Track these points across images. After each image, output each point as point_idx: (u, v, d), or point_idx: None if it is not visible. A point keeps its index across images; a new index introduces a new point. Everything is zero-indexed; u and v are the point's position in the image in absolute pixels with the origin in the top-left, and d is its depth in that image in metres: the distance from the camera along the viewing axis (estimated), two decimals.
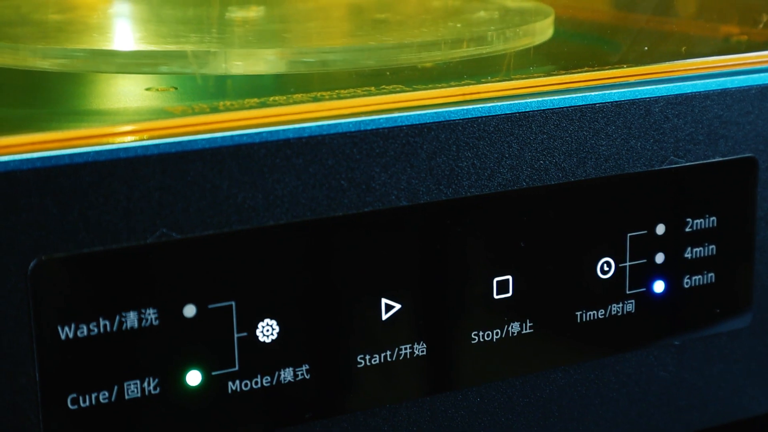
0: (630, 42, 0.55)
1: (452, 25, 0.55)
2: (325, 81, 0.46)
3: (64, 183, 0.34)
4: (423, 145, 0.40)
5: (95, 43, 0.50)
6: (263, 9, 0.56)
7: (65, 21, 0.55)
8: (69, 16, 0.56)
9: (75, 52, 0.46)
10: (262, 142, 0.37)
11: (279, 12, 0.57)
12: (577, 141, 0.42)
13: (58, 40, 0.50)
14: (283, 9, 0.59)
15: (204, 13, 0.56)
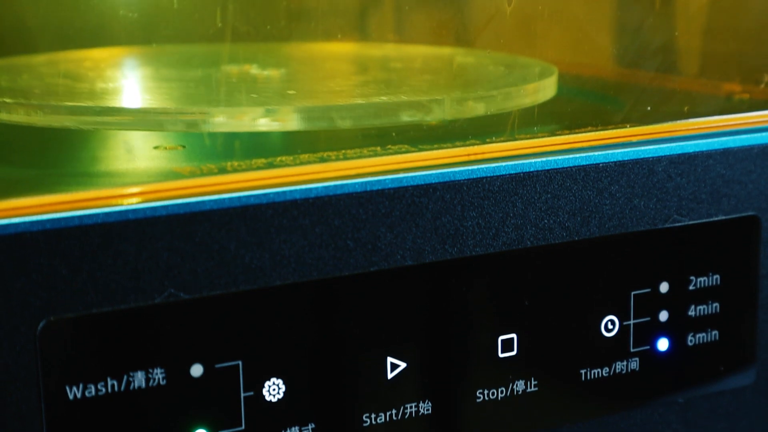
0: (633, 100, 0.55)
1: (456, 83, 0.56)
2: (331, 139, 0.46)
3: (73, 244, 0.35)
4: (428, 205, 0.40)
5: (103, 101, 0.51)
6: (269, 67, 0.57)
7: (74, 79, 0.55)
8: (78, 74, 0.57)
9: (83, 109, 0.46)
10: (269, 203, 0.37)
11: (285, 70, 0.58)
12: (580, 200, 0.43)
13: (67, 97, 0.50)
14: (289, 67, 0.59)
15: (211, 72, 0.56)
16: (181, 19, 0.60)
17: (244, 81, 0.54)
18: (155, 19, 0.60)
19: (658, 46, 0.58)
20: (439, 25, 0.60)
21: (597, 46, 0.61)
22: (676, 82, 0.58)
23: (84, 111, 0.45)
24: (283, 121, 0.46)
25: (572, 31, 0.59)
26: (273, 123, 0.46)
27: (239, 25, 0.58)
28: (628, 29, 0.61)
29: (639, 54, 0.58)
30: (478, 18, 0.59)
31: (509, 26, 0.53)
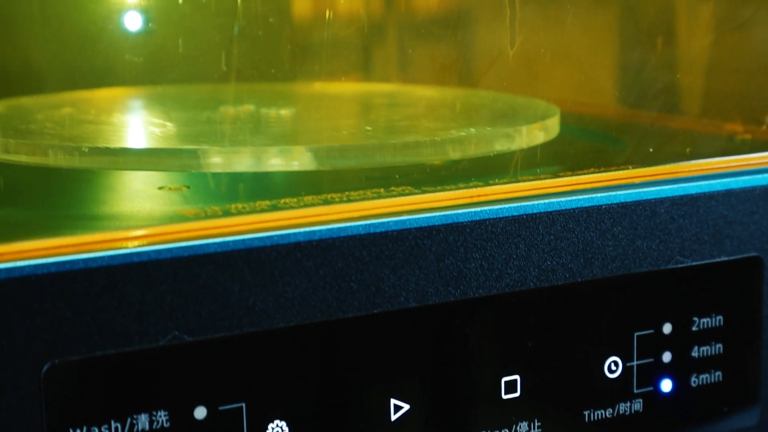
0: (635, 141, 0.55)
1: (459, 123, 0.56)
2: (335, 180, 0.47)
3: (77, 287, 0.35)
4: (432, 247, 0.40)
5: (109, 142, 0.51)
6: (273, 107, 0.57)
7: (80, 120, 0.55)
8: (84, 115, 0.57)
9: (89, 150, 0.46)
10: (273, 246, 0.38)
11: (290, 110, 0.58)
12: (583, 242, 0.43)
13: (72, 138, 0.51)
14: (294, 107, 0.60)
15: (215, 112, 0.56)
16: (186, 63, 0.61)
17: (249, 121, 0.55)
18: (161, 62, 0.61)
19: (660, 86, 0.58)
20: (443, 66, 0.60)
21: (599, 85, 0.61)
22: (679, 121, 0.59)
23: (89, 152, 0.46)
24: (288, 160, 0.46)
25: (574, 71, 0.59)
26: (278, 163, 0.46)
27: (244, 68, 0.59)
28: (630, 69, 0.61)
29: (641, 94, 0.58)
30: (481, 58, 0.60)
31: (511, 67, 0.53)
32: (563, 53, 0.56)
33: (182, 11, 0.58)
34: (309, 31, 0.64)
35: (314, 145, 0.47)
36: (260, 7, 0.59)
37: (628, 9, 0.60)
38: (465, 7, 0.57)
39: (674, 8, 0.62)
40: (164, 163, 0.45)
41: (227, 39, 0.58)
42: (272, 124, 0.54)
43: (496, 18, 0.53)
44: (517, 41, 0.50)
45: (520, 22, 0.50)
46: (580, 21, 0.56)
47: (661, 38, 0.60)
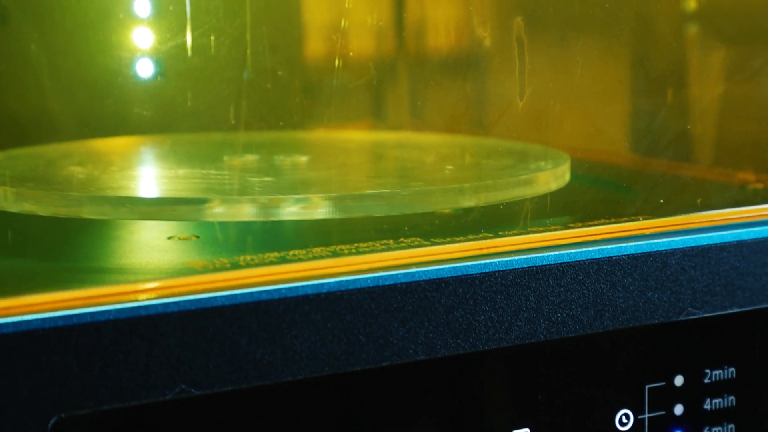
0: (646, 190, 0.55)
1: (468, 172, 0.56)
2: (344, 229, 0.46)
3: (85, 341, 0.35)
4: (441, 299, 0.40)
5: (119, 191, 0.51)
6: (282, 157, 0.57)
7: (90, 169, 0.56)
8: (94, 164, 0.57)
9: (98, 199, 0.46)
10: (281, 299, 0.37)
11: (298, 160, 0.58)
12: (594, 294, 0.43)
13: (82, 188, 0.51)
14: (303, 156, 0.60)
15: (224, 161, 0.57)
16: (195, 115, 0.61)
17: (257, 170, 0.55)
18: (170, 114, 0.61)
19: (672, 135, 0.58)
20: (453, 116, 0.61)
21: (609, 134, 0.61)
22: (690, 170, 0.59)
23: (97, 201, 0.46)
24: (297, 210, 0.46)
25: (584, 120, 0.59)
26: (286, 212, 0.46)
27: (252, 120, 0.59)
28: (641, 118, 0.61)
29: (652, 142, 0.58)
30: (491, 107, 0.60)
31: (521, 115, 0.53)
32: (573, 103, 0.56)
33: (192, 64, 0.58)
34: (318, 83, 0.64)
35: (323, 195, 0.47)
36: (269, 60, 0.59)
37: (638, 60, 0.60)
38: (474, 58, 0.58)
39: (685, 58, 0.62)
40: (173, 212, 0.45)
41: (236, 91, 0.58)
42: (281, 174, 0.54)
43: (506, 68, 0.53)
44: (527, 92, 0.50)
45: (530, 73, 0.50)
46: (590, 71, 0.56)
47: (672, 88, 0.60)
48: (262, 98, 0.60)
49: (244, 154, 0.56)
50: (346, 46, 0.57)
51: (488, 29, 0.56)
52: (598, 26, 0.55)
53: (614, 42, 0.58)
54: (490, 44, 0.56)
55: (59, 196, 0.45)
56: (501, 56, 0.56)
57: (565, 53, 0.55)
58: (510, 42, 0.51)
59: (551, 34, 0.55)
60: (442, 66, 0.64)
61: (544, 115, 0.55)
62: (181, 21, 0.56)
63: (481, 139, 0.62)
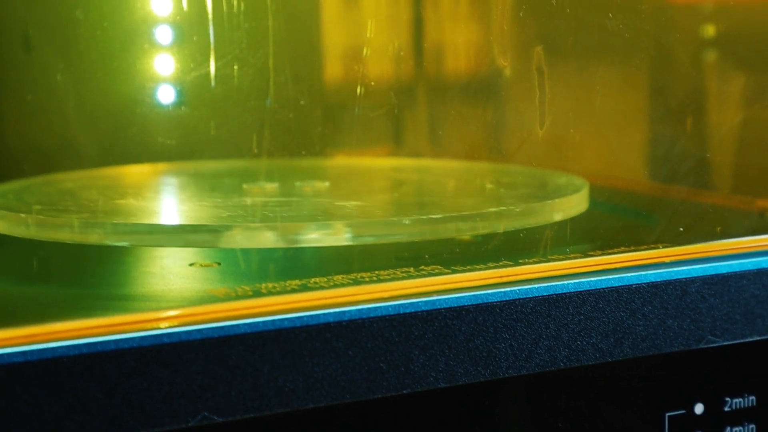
0: (665, 218, 0.55)
1: (486, 198, 0.56)
2: (364, 256, 0.47)
3: (109, 368, 0.35)
4: (461, 327, 0.40)
5: (141, 218, 0.51)
6: (303, 184, 0.58)
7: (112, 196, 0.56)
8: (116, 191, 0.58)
9: (119, 226, 0.47)
10: (303, 326, 0.38)
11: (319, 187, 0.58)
12: (614, 321, 0.43)
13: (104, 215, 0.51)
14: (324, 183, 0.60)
15: (245, 188, 0.57)
16: (218, 144, 0.62)
17: (278, 197, 0.55)
18: (193, 143, 0.61)
19: (691, 162, 0.58)
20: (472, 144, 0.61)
21: (628, 161, 0.62)
22: (709, 197, 0.59)
23: (120, 229, 0.46)
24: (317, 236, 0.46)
25: (603, 148, 0.59)
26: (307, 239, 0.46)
27: (274, 149, 0.59)
28: (660, 146, 0.61)
29: (671, 169, 0.58)
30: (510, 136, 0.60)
31: (541, 143, 0.53)
32: (593, 130, 0.56)
33: (215, 93, 0.59)
34: (340, 112, 0.65)
35: (344, 221, 0.47)
36: (292, 89, 0.60)
37: (657, 88, 0.61)
38: (494, 86, 0.58)
39: (704, 86, 0.62)
40: (195, 240, 0.46)
41: (259, 120, 0.59)
42: (302, 201, 0.54)
43: (526, 97, 0.53)
44: (547, 120, 0.51)
45: (550, 102, 0.50)
46: (610, 100, 0.56)
47: (691, 115, 0.60)
48: (285, 127, 0.61)
49: (266, 181, 0.56)
50: (367, 75, 0.58)
51: (508, 59, 0.56)
52: (618, 55, 0.56)
53: (633, 70, 0.58)
54: (510, 73, 0.56)
55: (82, 224, 0.46)
56: (521, 85, 0.56)
57: (584, 82, 0.56)
58: (530, 71, 0.51)
59: (571, 63, 0.55)
60: (462, 94, 0.65)
61: (563, 142, 0.56)
62: (205, 51, 0.57)
63: (501, 165, 0.62)
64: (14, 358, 0.34)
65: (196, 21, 0.58)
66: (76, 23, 0.60)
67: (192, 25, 0.58)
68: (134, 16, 0.60)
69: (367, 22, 0.66)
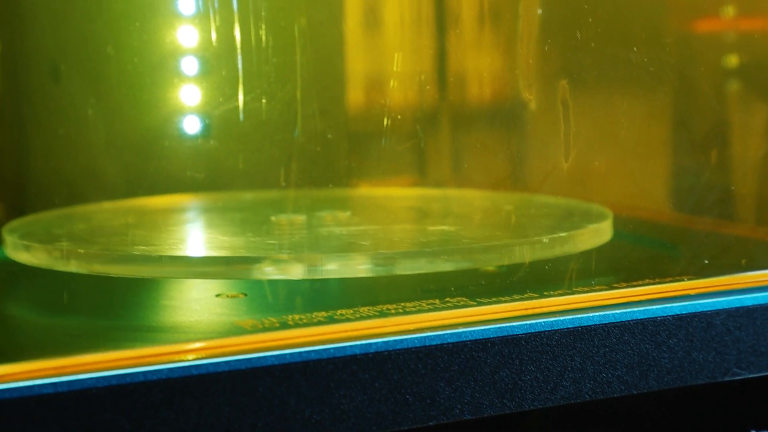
0: (690, 249, 0.55)
1: (510, 228, 0.57)
2: (390, 288, 0.47)
3: (137, 400, 0.35)
4: (487, 359, 0.40)
5: (165, 250, 0.52)
6: (329, 216, 0.58)
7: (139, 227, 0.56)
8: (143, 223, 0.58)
9: (147, 258, 0.47)
10: (329, 358, 0.38)
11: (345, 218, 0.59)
12: (639, 354, 0.43)
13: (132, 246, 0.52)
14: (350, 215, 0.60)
15: (272, 220, 0.57)
16: (245, 176, 0.62)
17: (305, 228, 0.55)
18: (221, 176, 0.62)
19: (716, 194, 0.58)
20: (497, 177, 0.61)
21: (652, 193, 0.62)
22: (734, 228, 0.59)
23: (147, 261, 0.46)
24: (343, 268, 0.46)
25: (628, 178, 0.59)
26: (333, 270, 0.46)
27: (302, 182, 0.60)
28: (685, 178, 0.61)
29: (695, 201, 0.59)
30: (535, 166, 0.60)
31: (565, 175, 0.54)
32: (616, 162, 0.56)
33: (243, 128, 0.59)
34: (366, 145, 0.65)
35: (369, 253, 0.47)
36: (319, 123, 0.60)
37: (681, 120, 0.61)
38: (519, 120, 0.58)
39: (729, 117, 0.63)
40: (222, 272, 0.46)
41: (287, 154, 0.59)
42: (329, 232, 0.55)
43: (551, 130, 0.53)
44: (572, 153, 0.51)
45: (575, 135, 0.51)
46: (634, 132, 0.57)
47: (716, 147, 0.60)
48: (312, 160, 0.61)
49: (293, 212, 0.57)
50: (393, 108, 0.58)
51: (533, 92, 0.57)
52: (642, 88, 0.56)
53: (657, 102, 0.59)
54: (535, 106, 0.57)
55: (110, 257, 0.46)
56: (546, 117, 0.56)
57: (609, 114, 0.56)
58: (555, 104, 0.52)
59: (596, 96, 0.56)
60: (487, 126, 0.65)
61: (587, 173, 0.56)
62: (234, 85, 0.57)
63: (524, 195, 0.62)
64: (44, 389, 0.35)
65: (224, 56, 0.58)
66: (107, 58, 0.60)
67: (221, 59, 0.59)
68: (164, 51, 0.61)
69: (393, 56, 0.67)
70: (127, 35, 0.61)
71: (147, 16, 0.61)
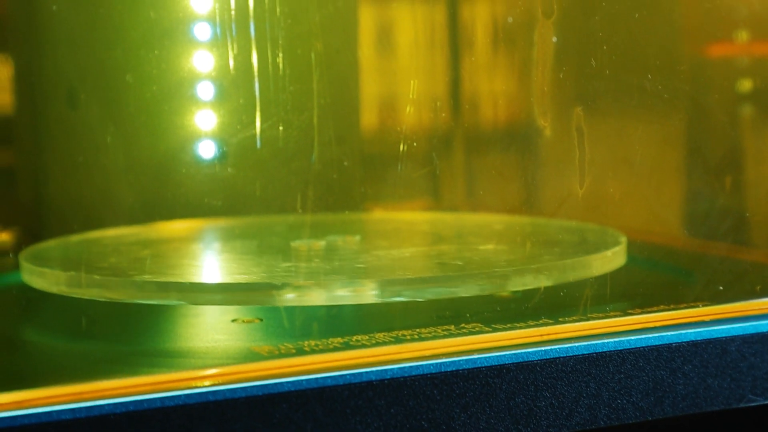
0: (704, 275, 0.55)
1: (524, 253, 0.57)
2: (406, 313, 0.47)
3: (155, 426, 0.35)
4: (502, 385, 0.40)
5: (181, 276, 0.52)
6: (344, 241, 0.58)
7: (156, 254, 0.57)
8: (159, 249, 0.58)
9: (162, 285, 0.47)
10: (345, 384, 0.38)
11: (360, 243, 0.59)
12: (654, 380, 0.43)
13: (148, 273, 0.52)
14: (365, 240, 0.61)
15: (287, 245, 0.57)
16: (263, 203, 0.62)
17: (320, 254, 0.55)
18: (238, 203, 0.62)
19: (730, 220, 0.58)
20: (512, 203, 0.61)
21: (666, 218, 0.62)
22: (749, 254, 0.59)
23: (163, 288, 0.47)
24: (358, 294, 0.46)
25: (642, 204, 0.60)
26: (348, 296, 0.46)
27: (318, 209, 0.60)
28: (699, 202, 0.62)
29: (710, 227, 0.59)
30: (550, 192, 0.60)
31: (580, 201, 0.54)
32: (631, 188, 0.56)
33: (260, 155, 0.60)
34: (382, 172, 0.65)
35: (383, 279, 0.47)
36: (335, 150, 0.60)
37: (695, 147, 0.61)
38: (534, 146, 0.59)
39: (742, 144, 0.63)
40: (239, 299, 0.46)
41: (303, 182, 0.60)
42: (344, 258, 0.55)
43: (566, 157, 0.53)
44: (586, 180, 0.51)
45: (589, 162, 0.51)
46: (649, 158, 0.57)
47: (731, 173, 0.60)
48: (328, 187, 0.62)
49: (308, 239, 0.57)
50: (409, 135, 0.59)
51: (548, 119, 0.57)
52: (657, 114, 0.56)
53: (672, 128, 0.59)
54: (549, 133, 0.57)
55: (127, 284, 0.47)
56: (560, 144, 0.57)
57: (623, 140, 0.56)
58: (569, 130, 0.52)
59: (610, 123, 0.56)
60: (502, 153, 0.65)
61: (601, 198, 0.56)
62: (251, 113, 0.58)
63: (538, 219, 0.62)
64: (63, 415, 0.35)
65: (242, 84, 0.59)
66: (126, 86, 0.61)
67: (238, 88, 0.59)
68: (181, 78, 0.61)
69: (409, 84, 0.67)
70: (145, 62, 0.61)
71: (164, 43, 0.62)
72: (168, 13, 0.62)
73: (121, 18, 0.62)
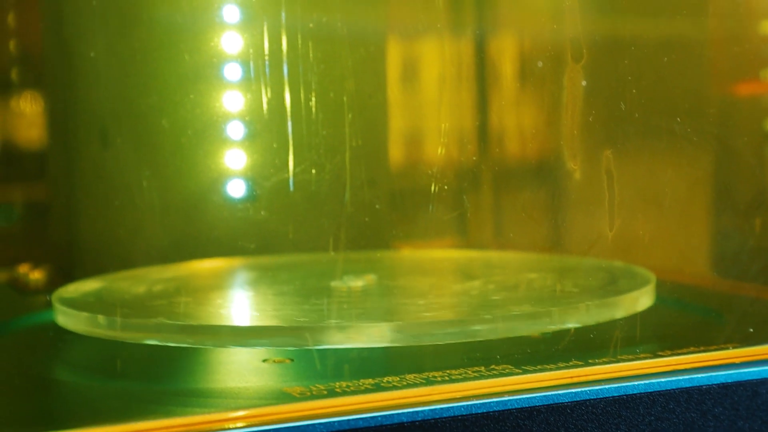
0: (734, 317, 0.55)
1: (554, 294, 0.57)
2: (436, 354, 0.47)
3: None
4: (532, 427, 0.41)
5: (211, 318, 0.52)
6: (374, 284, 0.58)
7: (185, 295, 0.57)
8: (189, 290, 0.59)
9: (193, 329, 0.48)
10: (377, 426, 0.38)
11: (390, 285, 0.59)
12: (684, 423, 0.43)
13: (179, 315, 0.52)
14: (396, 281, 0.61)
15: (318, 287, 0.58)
16: (295, 246, 0.63)
17: (351, 296, 0.56)
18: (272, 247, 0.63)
19: (760, 260, 0.58)
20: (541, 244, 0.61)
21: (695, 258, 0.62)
22: None
23: (193, 331, 0.47)
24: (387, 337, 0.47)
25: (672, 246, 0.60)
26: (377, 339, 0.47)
27: (350, 252, 0.61)
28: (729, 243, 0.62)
29: (739, 267, 0.59)
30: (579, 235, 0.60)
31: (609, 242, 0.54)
32: (660, 229, 0.56)
33: (293, 199, 0.60)
34: (413, 214, 0.66)
35: (414, 322, 0.48)
36: (367, 193, 0.61)
37: (724, 188, 0.61)
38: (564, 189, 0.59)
39: None
40: (271, 341, 0.46)
41: (335, 225, 0.60)
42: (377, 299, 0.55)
43: (595, 200, 0.54)
44: (616, 223, 0.51)
45: (619, 204, 0.51)
46: (677, 201, 0.57)
47: (760, 214, 0.60)
48: (360, 230, 0.62)
49: (339, 281, 0.57)
50: (440, 178, 0.59)
51: (578, 162, 0.57)
52: (686, 157, 0.56)
53: (701, 170, 0.59)
54: (579, 176, 0.57)
55: (163, 326, 0.47)
56: (590, 187, 0.57)
57: (653, 183, 0.56)
58: (599, 173, 0.52)
59: (640, 166, 0.56)
60: (532, 196, 0.66)
61: (631, 239, 0.56)
62: (284, 157, 0.59)
63: (567, 258, 0.62)
64: None
65: (276, 130, 0.59)
66: (161, 131, 0.62)
67: (272, 133, 0.60)
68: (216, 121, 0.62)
69: (440, 127, 0.68)
70: (180, 105, 0.62)
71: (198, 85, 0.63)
72: (202, 57, 0.63)
73: (156, 63, 0.63)
